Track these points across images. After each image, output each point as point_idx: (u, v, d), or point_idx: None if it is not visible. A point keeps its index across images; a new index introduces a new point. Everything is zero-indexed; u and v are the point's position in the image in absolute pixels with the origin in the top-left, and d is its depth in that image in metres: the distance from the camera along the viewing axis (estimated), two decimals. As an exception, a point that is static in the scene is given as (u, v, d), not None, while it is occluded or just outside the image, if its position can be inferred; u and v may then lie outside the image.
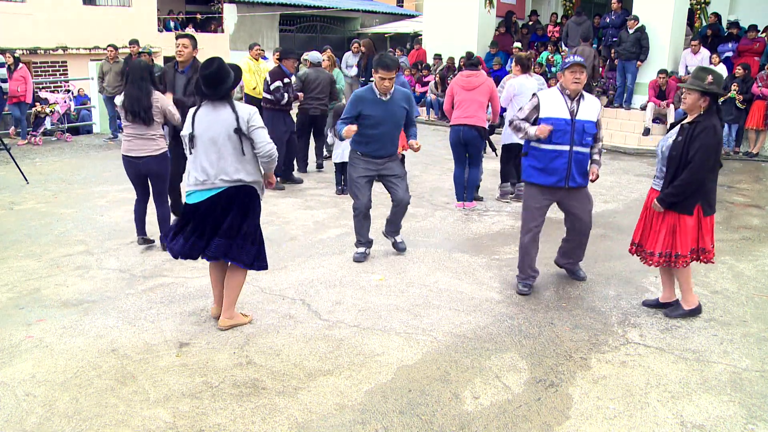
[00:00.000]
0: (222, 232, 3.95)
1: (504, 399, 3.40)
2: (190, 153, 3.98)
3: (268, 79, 8.00)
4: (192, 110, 4.02)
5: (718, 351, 3.96)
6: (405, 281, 5.02)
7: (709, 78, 4.03)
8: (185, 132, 4.00)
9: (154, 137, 5.32)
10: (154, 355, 3.79)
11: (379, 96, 5.16)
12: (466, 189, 7.18)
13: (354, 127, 5.13)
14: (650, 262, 4.35)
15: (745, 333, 4.22)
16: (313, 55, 8.86)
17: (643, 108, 11.63)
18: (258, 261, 4.08)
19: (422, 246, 5.89)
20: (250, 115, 3.91)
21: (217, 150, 3.90)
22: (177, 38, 6.05)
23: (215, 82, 3.88)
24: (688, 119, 4.16)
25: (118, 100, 5.29)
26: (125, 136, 5.39)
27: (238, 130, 3.87)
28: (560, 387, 3.53)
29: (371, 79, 5.41)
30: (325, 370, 3.64)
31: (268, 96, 7.93)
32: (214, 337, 4.02)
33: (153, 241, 5.77)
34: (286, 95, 7.91)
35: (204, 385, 3.47)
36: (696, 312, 4.40)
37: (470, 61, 7.17)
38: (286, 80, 7.98)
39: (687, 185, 4.06)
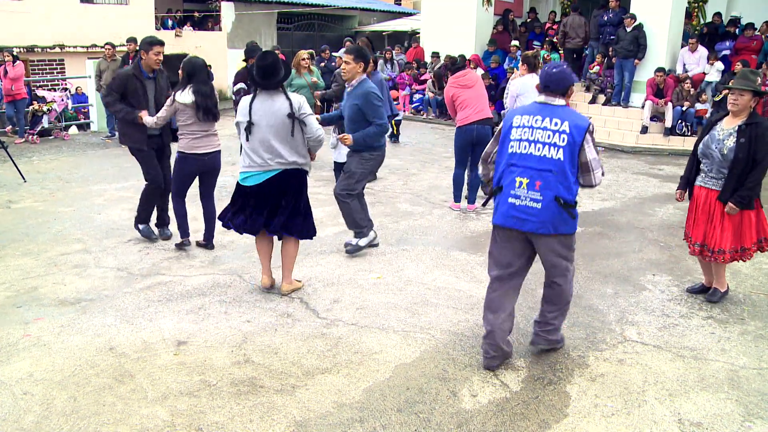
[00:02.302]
0: (281, 210, 4.45)
1: (502, 397, 3.41)
2: (247, 140, 4.40)
3: (233, 79, 7.99)
4: (247, 99, 4.45)
5: (716, 349, 3.98)
6: (403, 279, 5.02)
7: (759, 79, 4.30)
8: (242, 119, 4.41)
9: (216, 133, 5.50)
10: (152, 354, 3.79)
11: (347, 85, 5.38)
12: (469, 190, 7.15)
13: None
14: (720, 260, 4.46)
15: (743, 331, 4.23)
16: None
17: (642, 106, 11.63)
18: (313, 231, 4.68)
19: (420, 244, 5.89)
20: (300, 104, 4.38)
21: (274, 135, 4.34)
22: (152, 45, 5.58)
23: (272, 74, 4.33)
24: (742, 120, 4.29)
25: (187, 98, 5.11)
26: (189, 134, 5.26)
27: (291, 115, 4.32)
28: (558, 385, 3.53)
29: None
30: (323, 369, 3.65)
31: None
32: (212, 336, 4.02)
33: (189, 244, 5.64)
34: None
35: (202, 384, 3.47)
36: (728, 292, 4.74)
37: (455, 67, 7.11)
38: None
39: (758, 183, 4.29)
